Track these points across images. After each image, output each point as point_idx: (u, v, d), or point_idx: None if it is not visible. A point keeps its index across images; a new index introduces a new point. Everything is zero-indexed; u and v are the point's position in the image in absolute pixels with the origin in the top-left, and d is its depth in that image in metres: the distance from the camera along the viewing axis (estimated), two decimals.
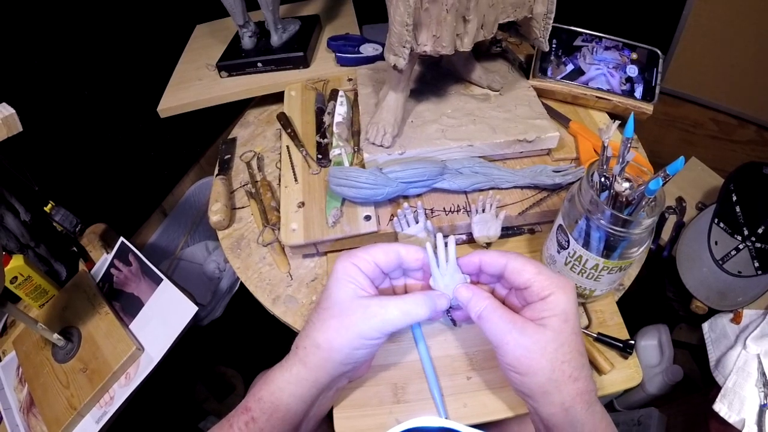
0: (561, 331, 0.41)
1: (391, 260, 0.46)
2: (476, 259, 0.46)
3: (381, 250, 0.46)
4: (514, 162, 0.69)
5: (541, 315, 0.42)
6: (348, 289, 0.44)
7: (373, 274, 0.46)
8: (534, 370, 0.41)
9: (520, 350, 0.41)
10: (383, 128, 0.64)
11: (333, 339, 0.43)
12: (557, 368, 0.41)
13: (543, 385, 0.41)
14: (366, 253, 0.45)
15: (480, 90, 0.74)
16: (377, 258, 0.45)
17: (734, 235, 0.87)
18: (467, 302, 0.45)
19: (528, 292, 0.43)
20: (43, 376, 0.67)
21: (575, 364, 0.41)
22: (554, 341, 0.41)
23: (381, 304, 0.43)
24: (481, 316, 0.43)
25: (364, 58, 0.84)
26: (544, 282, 0.42)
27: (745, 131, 1.20)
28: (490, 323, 0.42)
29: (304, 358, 0.43)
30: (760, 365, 0.76)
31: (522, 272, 0.43)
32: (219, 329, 1.21)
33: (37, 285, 0.71)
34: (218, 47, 0.90)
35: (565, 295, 0.42)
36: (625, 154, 0.46)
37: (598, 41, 0.77)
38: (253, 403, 0.43)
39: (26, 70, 0.92)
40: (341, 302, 0.43)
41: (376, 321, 0.42)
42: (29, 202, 0.74)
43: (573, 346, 0.42)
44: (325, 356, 0.43)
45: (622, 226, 0.46)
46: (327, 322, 0.43)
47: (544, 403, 0.41)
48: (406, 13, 0.53)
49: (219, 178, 0.76)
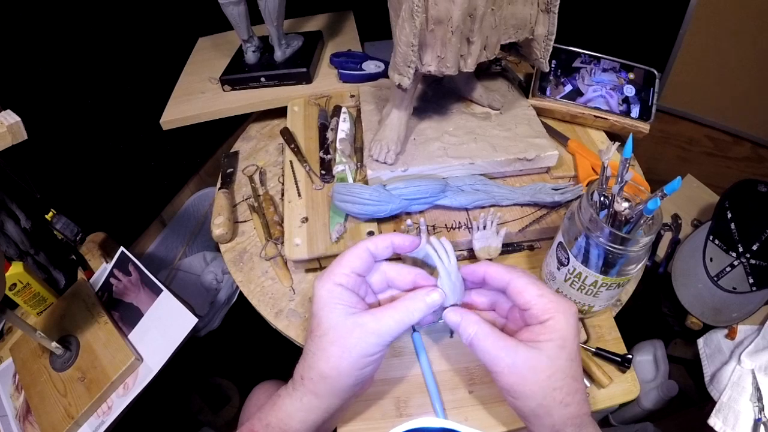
0: (556, 357, 0.41)
1: (365, 259, 0.45)
2: (482, 270, 0.46)
3: (353, 255, 0.45)
4: (514, 180, 0.70)
5: (538, 338, 0.41)
6: (338, 311, 0.43)
7: (356, 285, 0.45)
8: (525, 395, 0.41)
9: (513, 377, 0.41)
10: (386, 146, 0.65)
11: (338, 366, 0.42)
12: (548, 395, 0.40)
13: (534, 410, 0.41)
14: (341, 267, 0.45)
15: (481, 108, 0.75)
16: (353, 265, 0.45)
17: (729, 251, 0.88)
18: (456, 326, 0.45)
19: (528, 314, 0.43)
20: (41, 384, 0.67)
21: (567, 390, 0.41)
22: (548, 368, 0.41)
23: (375, 318, 0.43)
24: (471, 343, 0.43)
25: (367, 75, 0.85)
26: (546, 305, 0.42)
27: (740, 148, 1.22)
28: (482, 349, 0.43)
29: (314, 389, 0.43)
30: (754, 380, 0.77)
31: (523, 293, 0.43)
32: (216, 340, 1.21)
33: (35, 292, 0.71)
34: (221, 60, 0.90)
35: (565, 319, 0.42)
36: (623, 174, 0.47)
37: (596, 63, 0.78)
38: (261, 428, 0.43)
39: (31, 79, 0.93)
40: (335, 327, 0.43)
41: (375, 336, 0.42)
42: (30, 209, 0.74)
43: (567, 372, 0.41)
44: (335, 384, 0.43)
45: (620, 243, 0.46)
46: (328, 351, 0.42)
47: (536, 425, 0.42)
48: (411, 34, 0.54)
49: (222, 191, 0.76)
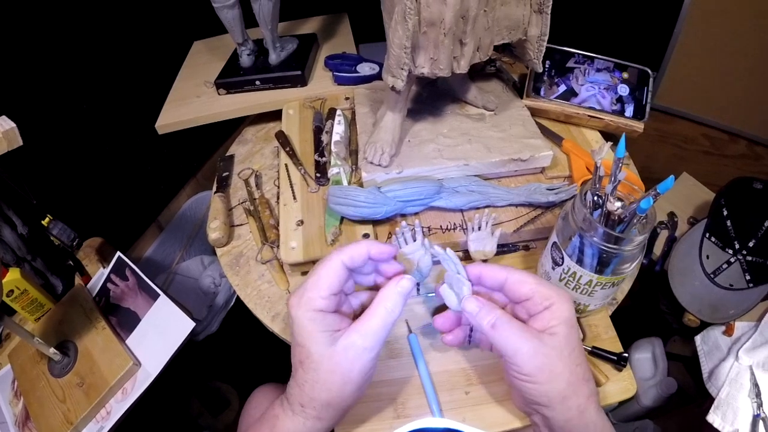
0: (570, 336, 0.43)
1: (341, 276, 0.44)
2: (477, 270, 0.47)
3: (328, 274, 0.44)
4: (509, 180, 0.70)
5: (550, 324, 0.43)
6: (324, 340, 0.42)
7: (336, 304, 0.45)
8: (554, 376, 0.42)
9: (540, 357, 0.42)
10: (381, 148, 0.65)
11: (342, 392, 0.43)
12: (573, 371, 0.42)
13: (562, 391, 0.42)
14: (318, 289, 0.43)
15: (475, 110, 0.75)
16: (331, 286, 0.44)
17: (725, 248, 0.88)
18: (476, 314, 0.45)
19: (530, 302, 0.44)
20: (39, 390, 0.67)
21: (585, 366, 0.43)
22: (567, 346, 0.42)
23: (360, 333, 0.43)
24: (495, 325, 0.43)
25: (361, 77, 0.85)
26: (546, 292, 0.44)
27: (736, 146, 1.22)
28: (504, 333, 0.43)
29: (318, 415, 0.43)
30: (752, 376, 0.77)
31: (524, 283, 0.45)
32: (214, 344, 1.21)
33: (33, 298, 0.71)
34: (216, 64, 0.90)
35: (567, 303, 0.44)
36: (616, 174, 0.47)
37: (590, 63, 0.78)
38: None
39: (26, 84, 0.92)
40: (327, 357, 0.42)
41: (367, 351, 0.43)
42: (27, 215, 0.74)
43: (581, 350, 0.44)
44: (339, 407, 0.44)
45: (614, 243, 0.47)
46: (328, 381, 0.42)
47: (561, 410, 0.42)
48: (404, 37, 0.54)
49: (217, 195, 0.76)
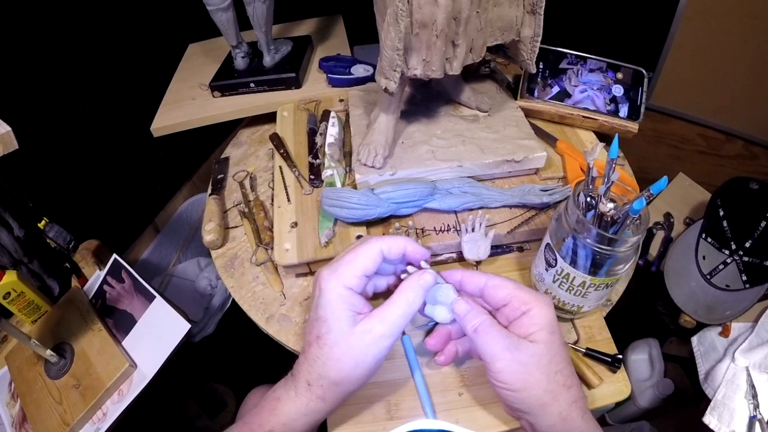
0: (551, 342, 0.42)
1: (377, 262, 0.45)
2: (458, 276, 0.47)
3: (366, 256, 0.45)
4: (503, 181, 0.70)
5: (530, 330, 0.43)
6: (347, 318, 0.43)
7: (363, 286, 0.45)
8: (530, 384, 0.41)
9: (516, 366, 0.41)
10: (374, 150, 0.65)
11: (352, 375, 0.43)
12: (552, 379, 0.42)
13: (540, 398, 0.41)
14: (353, 268, 0.44)
15: (469, 111, 0.75)
16: (366, 268, 0.44)
17: (722, 249, 0.88)
18: (464, 315, 0.45)
19: (508, 308, 0.44)
20: (36, 391, 0.67)
21: (567, 372, 0.43)
22: (548, 353, 0.42)
23: (381, 319, 0.43)
24: (477, 330, 0.43)
25: (356, 79, 0.85)
26: (524, 296, 0.44)
27: (732, 146, 1.22)
28: (486, 339, 0.43)
29: (323, 395, 0.43)
30: (748, 377, 0.77)
31: (502, 287, 0.45)
32: (211, 346, 1.21)
33: (30, 301, 0.71)
34: (211, 67, 0.90)
35: (547, 307, 0.43)
36: (609, 175, 0.47)
37: (583, 63, 0.78)
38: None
39: (20, 87, 0.92)
40: (346, 336, 0.42)
41: (384, 339, 0.43)
42: (23, 218, 0.74)
43: (562, 356, 0.43)
44: (345, 389, 0.44)
45: (607, 244, 0.47)
46: (341, 361, 0.42)
47: (542, 416, 0.42)
48: (397, 38, 0.54)
49: (212, 197, 0.76)
